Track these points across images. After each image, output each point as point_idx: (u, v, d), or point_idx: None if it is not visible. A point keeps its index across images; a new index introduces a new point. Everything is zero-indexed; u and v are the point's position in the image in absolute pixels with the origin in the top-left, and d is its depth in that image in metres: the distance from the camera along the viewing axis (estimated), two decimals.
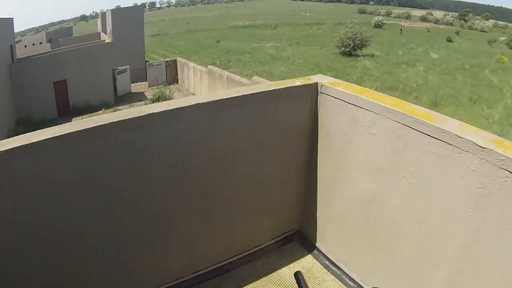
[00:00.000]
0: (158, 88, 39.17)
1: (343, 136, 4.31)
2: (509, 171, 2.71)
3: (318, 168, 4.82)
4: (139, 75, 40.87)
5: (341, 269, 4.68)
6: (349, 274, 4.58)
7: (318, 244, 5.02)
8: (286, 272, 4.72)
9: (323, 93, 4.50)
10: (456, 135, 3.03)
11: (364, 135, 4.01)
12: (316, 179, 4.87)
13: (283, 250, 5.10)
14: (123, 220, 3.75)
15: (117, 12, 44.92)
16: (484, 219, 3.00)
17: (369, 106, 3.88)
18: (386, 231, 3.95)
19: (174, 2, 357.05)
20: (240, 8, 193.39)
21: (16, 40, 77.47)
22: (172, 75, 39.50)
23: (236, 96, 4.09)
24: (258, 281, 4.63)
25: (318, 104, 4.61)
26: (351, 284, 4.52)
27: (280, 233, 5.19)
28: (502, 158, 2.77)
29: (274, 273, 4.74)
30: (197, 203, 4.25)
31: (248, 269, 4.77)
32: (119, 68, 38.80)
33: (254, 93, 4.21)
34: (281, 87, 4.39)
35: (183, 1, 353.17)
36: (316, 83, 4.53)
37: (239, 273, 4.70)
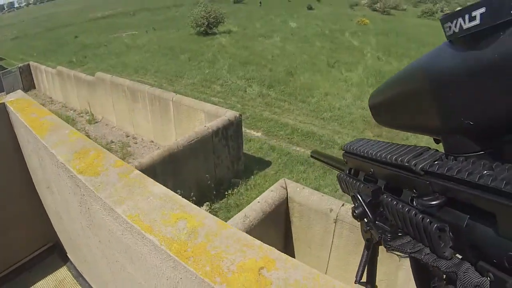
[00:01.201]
0: None
1: (38, 169, 4.35)
2: None
3: (38, 191, 5.04)
4: None
5: (85, 279, 5.13)
6: (89, 283, 4.99)
7: (69, 255, 5.39)
8: (44, 285, 5.18)
9: (11, 114, 4.54)
10: (129, 223, 2.41)
11: (54, 180, 3.79)
12: (41, 201, 5.11)
13: (44, 263, 5.44)
14: None
15: None
16: None
17: (43, 149, 3.58)
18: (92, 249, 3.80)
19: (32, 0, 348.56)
20: None
21: None
22: (28, 81, 37.77)
23: None
24: None
25: (13, 126, 4.64)
26: None
27: (37, 247, 5.50)
28: None
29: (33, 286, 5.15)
30: None
31: (12, 285, 5.07)
32: None
33: None
34: None
35: None
36: (4, 104, 4.59)
37: None
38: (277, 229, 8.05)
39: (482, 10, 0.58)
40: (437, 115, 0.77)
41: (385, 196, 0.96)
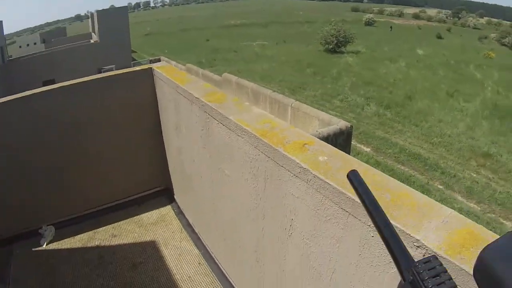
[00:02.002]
0: None
1: (172, 114, 5.61)
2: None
3: (164, 138, 6.27)
4: None
5: (184, 215, 6.26)
6: (192, 226, 5.94)
7: (176, 197, 6.57)
8: (148, 216, 6.33)
9: (156, 76, 5.80)
10: (235, 123, 3.66)
11: (185, 118, 5.08)
12: (165, 146, 6.36)
13: (153, 201, 6.61)
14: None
15: (103, 13, 44.46)
16: None
17: (182, 92, 4.87)
18: (220, 198, 4.74)
19: (168, 1, 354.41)
20: (233, 7, 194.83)
21: (11, 41, 77.10)
22: None
23: (89, 80, 5.58)
24: (127, 220, 6.19)
25: (155, 86, 5.93)
26: (187, 226, 5.97)
27: (149, 187, 6.73)
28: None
29: (138, 216, 6.29)
30: (84, 159, 5.82)
31: (122, 213, 6.32)
32: (105, 67, 38.72)
33: (103, 77, 5.88)
34: (122, 72, 5.89)
35: (177, 1, 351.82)
36: (151, 68, 5.88)
37: (115, 216, 6.23)
38: None
39: None
40: None
41: None
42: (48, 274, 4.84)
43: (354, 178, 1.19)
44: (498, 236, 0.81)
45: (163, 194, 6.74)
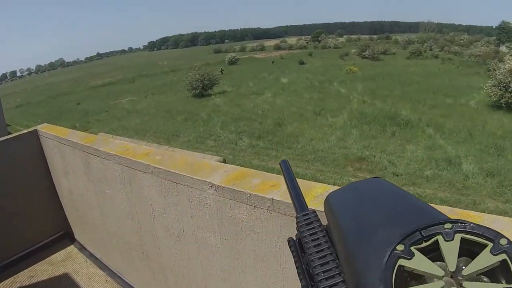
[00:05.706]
0: None
1: (59, 163, 6.40)
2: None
3: (56, 186, 7.00)
4: None
5: (86, 248, 7.04)
6: (94, 255, 6.76)
7: (76, 237, 7.32)
8: (56, 257, 7.01)
9: (41, 135, 6.54)
10: (105, 151, 4.87)
11: (70, 162, 5.92)
12: (58, 195, 7.10)
13: (57, 244, 7.33)
14: None
15: None
16: None
17: (65, 142, 5.75)
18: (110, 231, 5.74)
19: (34, 69, 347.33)
20: (98, 66, 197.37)
21: None
22: None
23: None
24: (39, 263, 6.81)
25: (41, 143, 6.63)
26: (90, 256, 6.80)
27: (53, 233, 7.38)
28: None
29: (48, 258, 6.95)
30: None
31: (33, 259, 6.91)
32: None
33: None
34: (8, 137, 6.56)
35: (42, 67, 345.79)
36: (36, 129, 6.59)
37: (28, 262, 6.81)
38: None
39: None
40: None
41: None
42: None
43: (283, 165, 1.38)
44: None
45: (66, 237, 7.40)
